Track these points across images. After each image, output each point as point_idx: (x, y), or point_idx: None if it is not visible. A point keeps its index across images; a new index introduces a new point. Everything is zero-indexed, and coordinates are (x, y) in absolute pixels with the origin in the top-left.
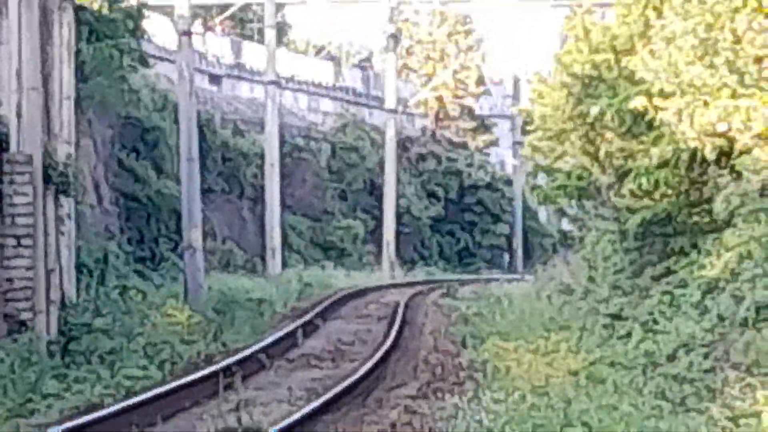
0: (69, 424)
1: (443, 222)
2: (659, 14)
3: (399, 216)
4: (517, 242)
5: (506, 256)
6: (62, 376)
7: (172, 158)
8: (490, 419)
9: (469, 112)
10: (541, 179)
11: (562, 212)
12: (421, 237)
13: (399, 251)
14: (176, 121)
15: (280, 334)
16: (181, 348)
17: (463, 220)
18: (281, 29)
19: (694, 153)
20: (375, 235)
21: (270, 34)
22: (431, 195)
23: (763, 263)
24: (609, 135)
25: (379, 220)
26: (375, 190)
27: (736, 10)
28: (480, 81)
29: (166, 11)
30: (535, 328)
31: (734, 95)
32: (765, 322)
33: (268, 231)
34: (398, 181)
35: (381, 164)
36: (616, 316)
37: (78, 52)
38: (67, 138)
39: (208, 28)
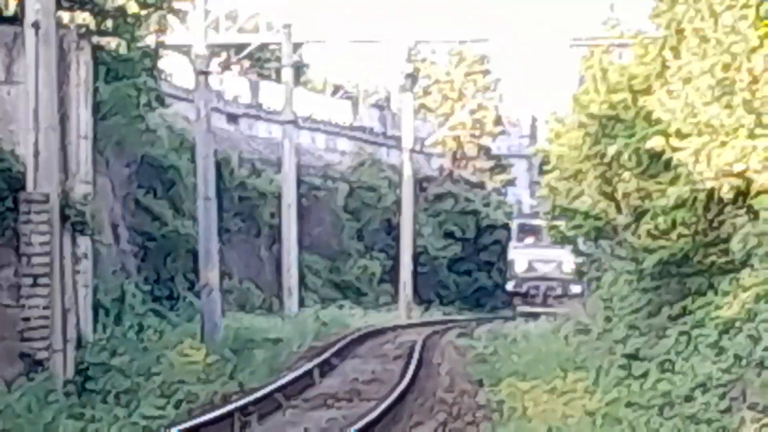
0: None
1: (460, 262)
2: (676, 54)
3: (416, 256)
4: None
5: None
6: (79, 416)
7: (189, 197)
8: None
9: (486, 152)
10: (558, 219)
11: (578, 252)
12: (438, 277)
13: (416, 291)
14: (193, 161)
15: (297, 373)
16: (197, 387)
17: (480, 259)
18: (299, 69)
19: (711, 193)
20: (392, 274)
21: (287, 74)
22: (448, 235)
23: None
24: (626, 175)
25: (395, 260)
26: (392, 230)
27: (753, 50)
28: (497, 121)
29: (184, 51)
30: (551, 367)
31: (752, 135)
32: None
33: (285, 270)
34: (415, 220)
35: (398, 204)
36: (633, 356)
37: (95, 91)
38: (84, 177)
39: (225, 67)
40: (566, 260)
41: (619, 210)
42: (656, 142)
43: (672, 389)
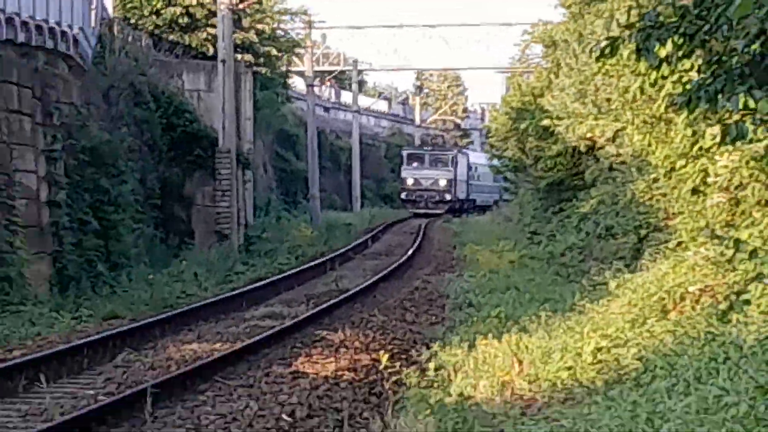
0: (254, 284)
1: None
2: (556, 75)
3: None
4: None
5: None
6: (245, 263)
7: (303, 151)
8: (467, 285)
9: (458, 127)
10: (495, 162)
11: (506, 179)
12: None
13: None
14: (306, 132)
15: (359, 241)
16: (308, 249)
17: None
18: (361, 82)
19: (574, 149)
20: None
21: (354, 86)
22: None
23: (609, 205)
24: (530, 139)
25: None
26: None
27: (595, 74)
28: (464, 110)
29: (300, 74)
30: (491, 239)
31: (596, 119)
32: (609, 237)
33: (354, 187)
34: None
35: None
36: (534, 233)
37: (254, 95)
38: (249, 140)
39: (322, 82)
40: (441, 178)
41: (527, 157)
42: (546, 122)
43: (553, 250)
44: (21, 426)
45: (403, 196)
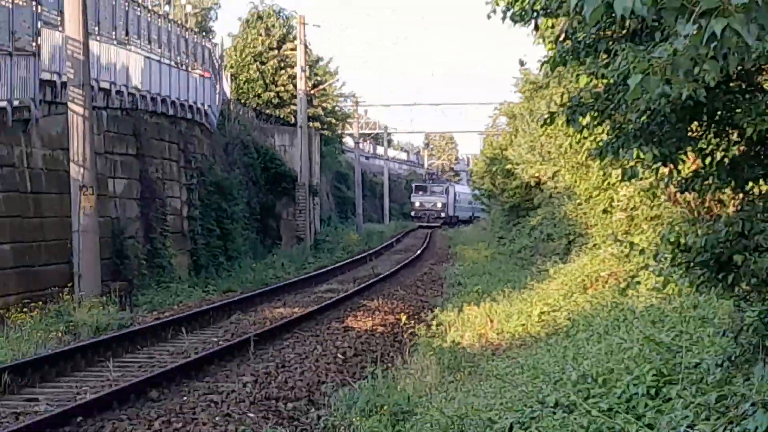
0: (319, 270)
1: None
2: (515, 136)
3: None
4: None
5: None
6: (314, 257)
7: (351, 185)
8: (457, 271)
9: (452, 169)
10: (476, 191)
11: (482, 203)
12: None
13: None
14: (353, 172)
15: (388, 242)
16: (354, 248)
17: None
18: (389, 140)
19: (527, 183)
20: None
21: (385, 143)
22: None
23: (549, 220)
24: (498, 177)
25: None
26: None
27: (541, 135)
28: (456, 158)
29: (350, 135)
30: (473, 241)
31: (542, 164)
32: (549, 240)
33: (384, 209)
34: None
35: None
36: (501, 237)
37: (321, 148)
38: (317, 177)
39: (364, 140)
40: (438, 202)
41: (496, 189)
42: (508, 167)
43: (513, 248)
44: (170, 360)
45: (412, 214)
